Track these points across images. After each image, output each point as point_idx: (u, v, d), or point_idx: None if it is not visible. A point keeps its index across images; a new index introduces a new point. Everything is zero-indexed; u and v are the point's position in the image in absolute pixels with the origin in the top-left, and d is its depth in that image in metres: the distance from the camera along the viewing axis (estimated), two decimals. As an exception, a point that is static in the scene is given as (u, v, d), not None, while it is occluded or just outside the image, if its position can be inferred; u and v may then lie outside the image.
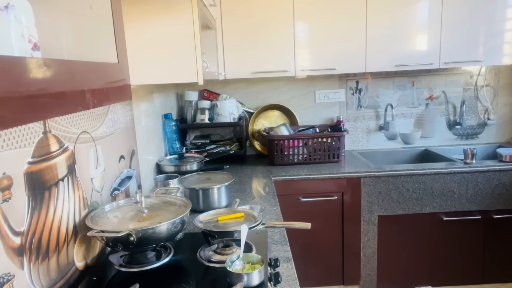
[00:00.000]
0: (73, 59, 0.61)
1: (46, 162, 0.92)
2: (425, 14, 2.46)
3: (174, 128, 2.31)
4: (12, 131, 0.80)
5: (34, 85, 0.47)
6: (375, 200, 2.34)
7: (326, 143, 2.52)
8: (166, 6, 1.37)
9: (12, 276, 0.78)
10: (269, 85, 2.85)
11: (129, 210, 1.17)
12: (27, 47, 0.56)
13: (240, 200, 1.73)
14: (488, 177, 2.35)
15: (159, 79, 1.44)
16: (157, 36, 1.38)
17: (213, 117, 2.60)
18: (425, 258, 2.43)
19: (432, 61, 2.49)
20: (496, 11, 2.47)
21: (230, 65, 2.48)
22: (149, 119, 1.96)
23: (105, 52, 0.77)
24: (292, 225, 1.36)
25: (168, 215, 1.10)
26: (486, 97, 2.95)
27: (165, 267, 1.09)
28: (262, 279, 0.97)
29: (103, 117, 1.28)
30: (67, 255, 1.01)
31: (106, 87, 0.73)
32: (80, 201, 1.09)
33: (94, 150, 1.20)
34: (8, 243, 0.77)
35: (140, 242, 1.01)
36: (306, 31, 2.45)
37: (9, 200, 0.78)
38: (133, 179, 1.55)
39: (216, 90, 2.83)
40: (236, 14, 2.41)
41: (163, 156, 2.20)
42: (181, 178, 1.81)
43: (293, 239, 2.33)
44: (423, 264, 2.44)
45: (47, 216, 0.92)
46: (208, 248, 1.18)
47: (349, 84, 2.87)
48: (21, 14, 0.54)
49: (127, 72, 0.84)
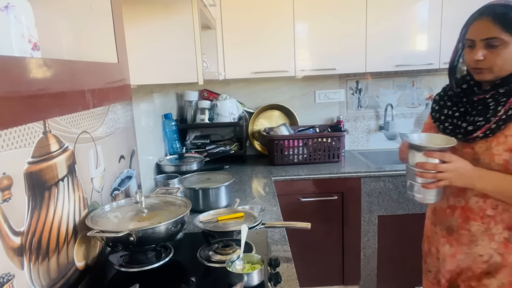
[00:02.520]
0: (73, 59, 0.61)
1: (46, 162, 0.92)
2: (425, 14, 2.46)
3: (174, 128, 2.31)
4: (12, 131, 0.80)
5: (34, 85, 0.47)
6: (375, 200, 2.34)
7: (326, 143, 2.52)
8: (166, 6, 1.36)
9: (12, 276, 0.78)
10: (269, 85, 2.85)
11: (129, 210, 1.17)
12: (27, 47, 0.56)
13: (240, 200, 1.72)
14: (488, 177, 2.35)
15: (159, 79, 1.44)
16: (157, 36, 1.38)
17: (213, 117, 2.60)
18: (425, 258, 2.43)
19: (432, 61, 2.49)
20: (496, 11, 2.47)
21: (230, 65, 2.48)
22: (149, 119, 1.96)
23: (105, 52, 0.77)
24: (292, 225, 1.36)
25: (168, 215, 1.10)
26: (486, 97, 2.95)
27: (165, 267, 1.09)
28: (262, 279, 0.97)
29: (103, 117, 1.28)
30: (67, 255, 1.01)
31: (106, 87, 0.73)
32: (80, 201, 1.09)
33: (94, 150, 1.20)
34: (8, 243, 0.77)
35: (140, 242, 1.01)
36: (306, 31, 2.45)
37: (9, 200, 0.78)
38: (133, 179, 1.55)
39: (216, 90, 2.83)
40: (236, 14, 2.40)
41: (163, 156, 2.20)
42: (181, 178, 1.81)
43: (293, 239, 2.33)
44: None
45: (47, 216, 0.92)
46: (208, 248, 1.18)
47: (349, 84, 2.87)
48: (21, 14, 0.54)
49: (127, 72, 0.84)
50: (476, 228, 1.12)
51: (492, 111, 1.06)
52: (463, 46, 1.15)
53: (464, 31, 1.13)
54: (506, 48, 1.02)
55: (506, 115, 1.04)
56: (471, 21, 1.10)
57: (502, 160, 1.04)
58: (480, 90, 1.13)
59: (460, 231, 1.15)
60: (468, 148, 1.11)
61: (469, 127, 1.09)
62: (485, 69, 1.06)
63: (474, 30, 1.08)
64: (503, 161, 1.04)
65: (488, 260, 1.11)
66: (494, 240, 1.10)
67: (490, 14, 1.04)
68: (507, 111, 1.04)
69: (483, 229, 1.11)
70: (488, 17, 1.04)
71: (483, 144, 1.07)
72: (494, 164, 1.05)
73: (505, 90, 1.06)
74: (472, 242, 1.13)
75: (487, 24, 1.04)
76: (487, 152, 1.06)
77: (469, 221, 1.13)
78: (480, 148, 1.08)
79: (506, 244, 1.08)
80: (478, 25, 1.07)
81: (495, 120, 1.05)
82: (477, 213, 1.11)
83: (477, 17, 1.08)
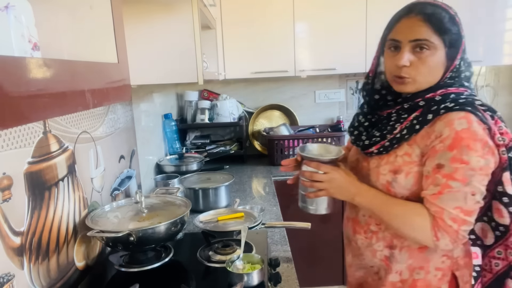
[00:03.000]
0: (73, 59, 0.61)
1: (46, 162, 0.92)
2: (425, 14, 2.46)
3: (174, 128, 2.31)
4: (12, 131, 0.80)
5: (34, 85, 0.47)
6: (375, 200, 2.33)
7: (326, 143, 2.52)
8: (166, 6, 1.36)
9: (12, 276, 0.78)
10: (269, 85, 2.85)
11: (129, 210, 1.17)
12: (27, 47, 0.55)
13: (240, 200, 1.72)
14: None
15: (159, 79, 1.44)
16: (157, 36, 1.38)
17: (213, 117, 2.60)
18: (425, 258, 2.42)
19: (432, 61, 2.49)
20: (496, 11, 2.47)
21: (230, 65, 2.47)
22: (149, 119, 1.96)
23: (105, 52, 0.77)
24: (292, 225, 1.36)
25: (168, 215, 1.10)
26: (486, 97, 2.95)
27: (165, 267, 1.09)
28: (262, 279, 0.97)
29: (103, 117, 1.28)
30: (67, 255, 1.01)
31: (106, 87, 0.73)
32: (80, 201, 1.09)
33: (94, 150, 1.20)
34: (8, 243, 0.77)
35: (140, 242, 1.01)
36: (306, 31, 2.45)
37: (9, 200, 0.78)
38: (133, 179, 1.55)
39: (216, 90, 2.83)
40: (236, 14, 2.40)
41: (163, 156, 2.20)
42: (181, 178, 1.81)
43: (293, 239, 2.33)
44: (423, 264, 2.43)
45: (47, 216, 0.92)
46: (208, 248, 1.18)
47: (349, 84, 2.87)
48: (21, 14, 0.54)
49: (127, 72, 0.84)
50: (361, 242, 1.05)
51: (390, 128, 0.96)
52: (382, 50, 1.00)
53: (387, 32, 0.96)
54: (433, 55, 0.89)
55: (401, 134, 0.93)
56: (397, 19, 0.93)
57: (385, 180, 0.95)
58: (392, 102, 1.01)
59: (352, 242, 1.10)
60: (365, 162, 1.04)
61: (366, 141, 1.00)
62: (408, 78, 0.92)
63: (401, 29, 0.91)
64: (386, 182, 0.95)
65: (378, 271, 1.05)
66: (376, 257, 1.03)
67: (420, 12, 0.89)
68: (403, 129, 0.93)
69: (366, 244, 1.04)
70: (418, 15, 0.89)
71: (376, 160, 0.99)
72: (378, 184, 0.97)
73: (409, 105, 0.94)
74: (361, 255, 1.08)
75: (418, 23, 0.88)
76: (376, 169, 0.98)
77: (356, 234, 1.07)
78: (373, 164, 1.00)
79: (387, 263, 1.01)
80: (406, 24, 0.90)
81: (390, 138, 0.95)
82: (362, 227, 1.05)
83: (405, 15, 0.91)
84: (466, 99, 0.90)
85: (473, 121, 0.86)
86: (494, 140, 0.89)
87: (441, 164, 0.87)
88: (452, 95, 0.91)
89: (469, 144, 0.85)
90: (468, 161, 0.85)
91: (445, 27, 0.89)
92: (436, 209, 0.87)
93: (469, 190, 0.86)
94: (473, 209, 0.87)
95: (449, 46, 0.90)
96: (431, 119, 0.90)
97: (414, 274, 0.99)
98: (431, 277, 0.98)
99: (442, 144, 0.87)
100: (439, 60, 0.91)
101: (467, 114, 0.87)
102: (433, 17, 0.88)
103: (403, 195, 0.94)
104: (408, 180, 0.93)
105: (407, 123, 0.94)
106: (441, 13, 0.89)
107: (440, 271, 0.98)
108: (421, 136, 0.92)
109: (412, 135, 0.93)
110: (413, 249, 0.98)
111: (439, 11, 0.89)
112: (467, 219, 0.87)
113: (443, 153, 0.87)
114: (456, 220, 0.86)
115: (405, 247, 0.98)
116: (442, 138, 0.87)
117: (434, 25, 0.87)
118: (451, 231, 0.87)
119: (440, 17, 0.88)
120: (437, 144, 0.88)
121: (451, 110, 0.89)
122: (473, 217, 0.88)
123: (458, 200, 0.86)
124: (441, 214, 0.87)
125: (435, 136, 0.89)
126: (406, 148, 0.94)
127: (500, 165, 0.91)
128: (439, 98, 0.91)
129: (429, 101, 0.92)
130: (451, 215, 0.86)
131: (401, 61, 0.90)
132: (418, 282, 0.99)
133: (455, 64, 0.93)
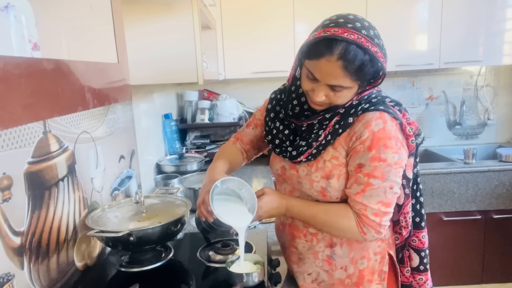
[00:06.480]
0: (73, 59, 0.61)
1: (46, 162, 0.92)
2: (425, 14, 2.46)
3: (174, 128, 2.31)
4: (12, 131, 0.80)
5: (34, 85, 0.47)
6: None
7: (326, 143, 2.52)
8: (166, 6, 1.37)
9: (12, 276, 0.78)
10: (269, 85, 2.84)
11: (129, 210, 1.17)
12: (27, 47, 0.55)
13: (240, 200, 1.72)
14: (488, 177, 2.35)
15: (159, 79, 1.44)
16: (157, 36, 1.38)
17: (213, 117, 2.60)
18: (425, 258, 2.43)
19: (432, 61, 2.49)
20: (496, 11, 2.47)
21: (230, 65, 2.48)
22: (149, 119, 1.96)
23: (105, 52, 0.77)
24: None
25: (168, 215, 1.10)
26: (486, 97, 2.95)
27: (165, 267, 1.09)
28: (262, 279, 0.97)
29: (103, 117, 1.28)
30: (67, 255, 1.01)
31: (106, 87, 0.73)
32: (80, 201, 1.09)
33: (94, 150, 1.20)
34: (8, 243, 0.77)
35: (140, 242, 1.01)
36: (306, 31, 2.43)
37: (9, 200, 0.78)
38: (133, 179, 1.55)
39: (216, 90, 2.83)
40: (236, 14, 2.40)
41: (163, 156, 2.20)
42: (181, 178, 1.81)
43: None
44: (423, 264, 2.43)
45: (47, 216, 0.92)
46: (208, 248, 1.18)
47: (349, 84, 2.87)
48: (21, 14, 0.54)
49: (127, 72, 0.84)
50: (302, 246, 1.08)
51: (314, 136, 1.00)
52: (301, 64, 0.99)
53: (306, 56, 0.92)
54: (349, 91, 0.92)
55: (326, 139, 0.98)
56: (318, 56, 0.88)
57: (319, 187, 1.00)
58: (311, 114, 1.03)
59: (290, 248, 1.12)
60: (293, 170, 1.06)
61: (293, 151, 1.04)
62: (324, 104, 0.97)
63: (320, 70, 0.89)
64: (321, 188, 1.00)
65: (316, 278, 1.08)
66: (318, 258, 1.06)
67: (341, 57, 0.85)
68: (327, 135, 0.98)
69: (307, 247, 1.07)
70: (339, 60, 0.85)
71: (305, 168, 1.02)
72: (313, 191, 1.02)
73: (330, 114, 0.99)
74: (300, 260, 1.10)
75: (337, 70, 0.87)
76: (307, 177, 1.02)
77: (295, 239, 1.09)
78: (302, 172, 1.03)
79: (329, 262, 1.05)
80: (327, 67, 0.87)
81: (316, 145, 0.99)
82: (301, 230, 1.07)
83: (327, 54, 0.87)
84: (377, 98, 0.98)
85: (387, 120, 0.94)
86: (405, 132, 0.98)
87: (362, 164, 0.94)
88: (365, 96, 0.99)
89: (386, 143, 0.92)
90: (385, 158, 0.92)
91: (363, 74, 0.89)
92: (360, 206, 0.95)
93: (387, 184, 0.94)
94: (392, 201, 0.97)
95: (366, 85, 0.95)
96: (352, 122, 0.97)
97: (358, 265, 1.05)
98: (373, 262, 1.06)
99: (362, 145, 0.94)
100: (355, 91, 0.94)
101: (382, 114, 0.94)
102: (353, 65, 0.86)
103: (338, 196, 1.01)
104: (341, 182, 0.99)
105: (330, 128, 0.99)
106: (362, 59, 0.86)
107: (379, 254, 1.06)
108: (344, 138, 0.98)
109: (336, 139, 0.99)
110: (352, 242, 1.04)
111: (360, 56, 0.86)
112: (388, 210, 0.96)
113: (363, 154, 0.94)
114: (378, 214, 0.95)
115: (345, 242, 1.04)
116: (362, 140, 0.94)
117: (353, 74, 0.87)
118: (374, 224, 0.95)
119: (360, 65, 0.87)
120: (357, 145, 0.95)
121: (367, 110, 0.95)
122: (392, 206, 0.97)
123: (379, 196, 0.94)
124: (364, 210, 0.95)
125: (356, 137, 0.95)
126: (332, 152, 0.99)
127: (409, 152, 1.00)
128: (356, 102, 0.98)
129: (348, 107, 0.98)
130: (373, 210, 0.94)
131: (317, 98, 0.93)
132: (364, 271, 1.05)
133: (371, 90, 0.99)
